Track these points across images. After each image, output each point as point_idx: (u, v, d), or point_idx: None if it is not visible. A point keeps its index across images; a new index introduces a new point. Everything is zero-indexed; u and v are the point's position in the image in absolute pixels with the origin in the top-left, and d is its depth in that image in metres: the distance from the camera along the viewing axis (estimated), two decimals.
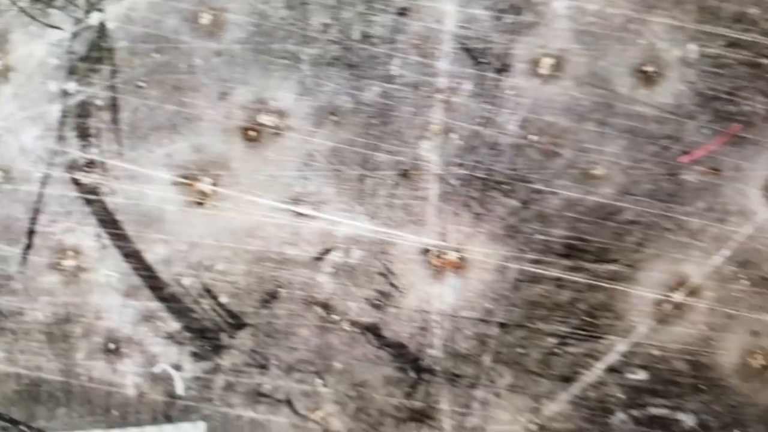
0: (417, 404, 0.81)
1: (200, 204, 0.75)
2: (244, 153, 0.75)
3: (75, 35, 0.77)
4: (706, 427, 0.83)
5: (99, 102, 0.75)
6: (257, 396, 0.81)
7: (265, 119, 0.74)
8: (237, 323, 0.78)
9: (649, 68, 0.73)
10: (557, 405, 0.80)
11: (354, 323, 0.79)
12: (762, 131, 0.75)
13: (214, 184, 0.75)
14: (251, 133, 0.75)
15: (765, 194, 0.77)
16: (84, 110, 0.77)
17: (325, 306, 0.78)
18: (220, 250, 0.76)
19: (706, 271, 0.77)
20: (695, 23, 0.73)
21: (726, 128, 0.75)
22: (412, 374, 0.80)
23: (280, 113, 0.74)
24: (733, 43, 0.75)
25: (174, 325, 0.78)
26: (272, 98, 0.74)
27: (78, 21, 0.77)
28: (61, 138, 0.77)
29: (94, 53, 0.74)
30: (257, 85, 0.74)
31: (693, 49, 0.74)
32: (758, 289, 0.77)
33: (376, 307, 0.78)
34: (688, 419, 0.82)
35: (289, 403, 0.81)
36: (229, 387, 0.80)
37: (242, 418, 0.81)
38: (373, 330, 0.79)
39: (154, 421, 0.81)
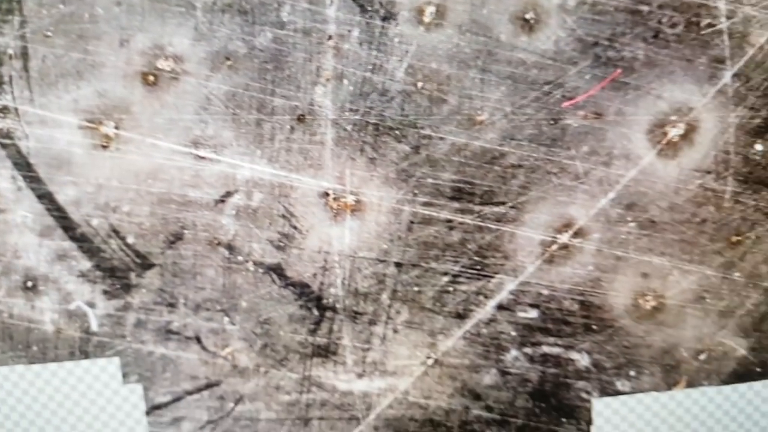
0: (320, 340, 0.87)
1: (105, 147, 0.82)
2: (144, 97, 0.81)
3: None
4: (600, 366, 0.88)
5: (10, 51, 0.81)
6: (167, 333, 0.87)
7: (162, 64, 0.80)
8: (144, 263, 0.85)
9: (529, 15, 0.79)
10: (452, 341, 0.87)
11: (258, 264, 0.85)
12: (643, 76, 0.80)
13: (117, 128, 0.81)
14: (150, 77, 0.81)
15: (649, 138, 0.81)
16: None
17: (229, 247, 0.84)
18: (125, 192, 0.83)
19: (592, 214, 0.82)
20: None
21: (607, 73, 0.79)
22: (316, 312, 0.87)
23: (177, 58, 0.80)
24: None
25: (86, 264, 0.85)
26: (169, 44, 0.80)
27: None
28: None
29: (5, 5, 0.82)
30: (155, 32, 0.80)
31: None
32: (646, 232, 0.83)
33: (279, 248, 0.84)
34: (582, 358, 0.88)
35: (198, 339, 0.87)
36: (140, 324, 0.87)
37: (154, 354, 0.88)
38: (276, 270, 0.85)
39: (72, 356, 0.88)
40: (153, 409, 0.97)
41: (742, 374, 0.96)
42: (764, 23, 0.88)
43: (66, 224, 0.93)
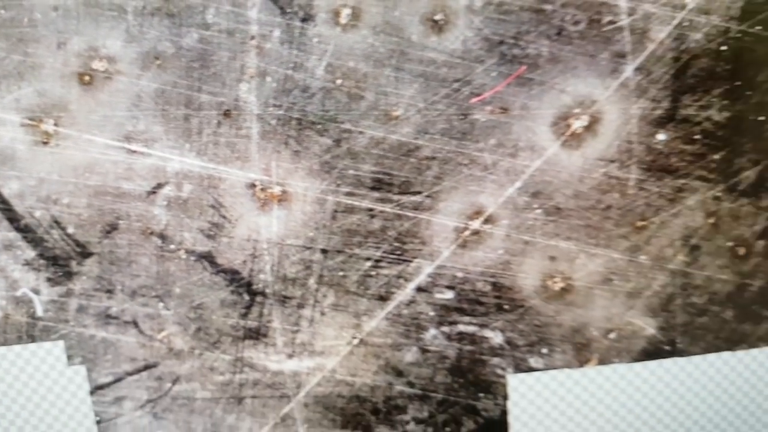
0: (251, 323, 0.94)
1: (45, 143, 0.89)
2: (81, 96, 0.88)
3: None
4: (513, 344, 0.95)
5: None
6: (107, 318, 0.94)
7: (97, 65, 0.87)
8: (84, 252, 0.92)
9: (438, 17, 0.86)
10: (375, 321, 0.94)
11: (190, 252, 0.92)
12: (547, 72, 0.88)
13: (56, 125, 0.88)
14: (86, 77, 0.88)
15: (553, 131, 0.89)
16: None
17: (162, 236, 0.91)
18: (64, 185, 0.90)
19: (501, 202, 0.90)
20: None
21: (512, 70, 0.87)
22: (246, 297, 0.94)
23: (110, 59, 0.87)
24: None
25: (30, 253, 0.92)
26: (103, 46, 0.87)
27: None
28: None
29: None
30: (89, 35, 0.87)
31: None
32: (552, 218, 0.91)
33: (209, 236, 0.91)
34: (495, 336, 0.95)
35: (135, 324, 0.95)
36: (81, 309, 0.94)
37: (95, 338, 0.95)
38: (207, 258, 0.92)
39: (20, 340, 0.95)
40: (96, 389, 1.05)
41: (651, 352, 1.04)
42: (664, 19, 0.96)
43: (11, 216, 1.01)
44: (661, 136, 0.98)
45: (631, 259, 1.00)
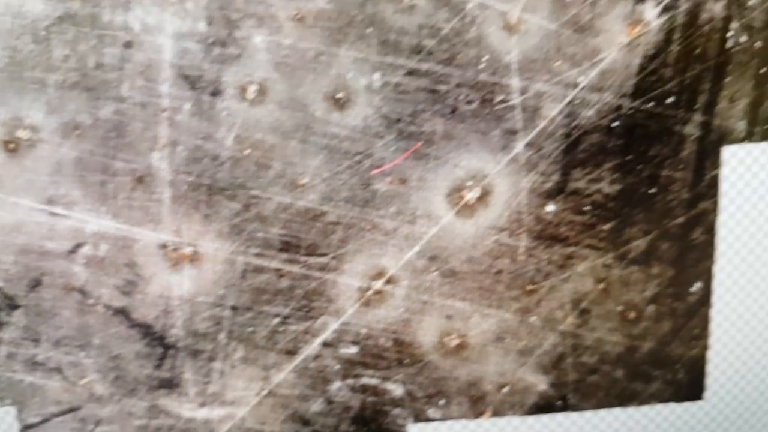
0: (165, 374, 1.03)
1: None
2: (6, 162, 0.97)
3: None
4: (413, 396, 1.04)
5: None
6: (34, 364, 1.03)
7: (21, 133, 0.96)
8: (12, 304, 1.01)
9: (340, 95, 0.94)
10: (283, 374, 1.03)
11: (107, 306, 1.01)
12: (442, 148, 0.97)
13: None
14: (11, 145, 0.97)
15: (448, 201, 0.98)
16: None
17: (82, 291, 1.00)
18: None
19: (401, 264, 0.98)
20: (378, 55, 1.01)
21: (410, 145, 0.95)
22: (160, 349, 1.03)
23: (34, 128, 0.96)
24: (412, 72, 0.95)
25: None
26: (26, 116, 0.96)
27: None
28: None
29: None
30: (14, 106, 0.96)
31: (377, 78, 0.94)
32: (448, 280, 1.00)
33: (125, 293, 1.00)
34: (396, 388, 1.04)
35: (60, 370, 1.04)
36: (11, 356, 1.03)
37: (24, 382, 1.04)
38: (123, 312, 1.01)
39: None
40: (25, 428, 1.14)
41: (543, 406, 1.14)
42: (556, 97, 1.05)
43: None
44: (550, 207, 1.07)
45: (522, 320, 1.09)
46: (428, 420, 1.11)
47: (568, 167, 1.05)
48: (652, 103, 1.03)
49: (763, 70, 1.05)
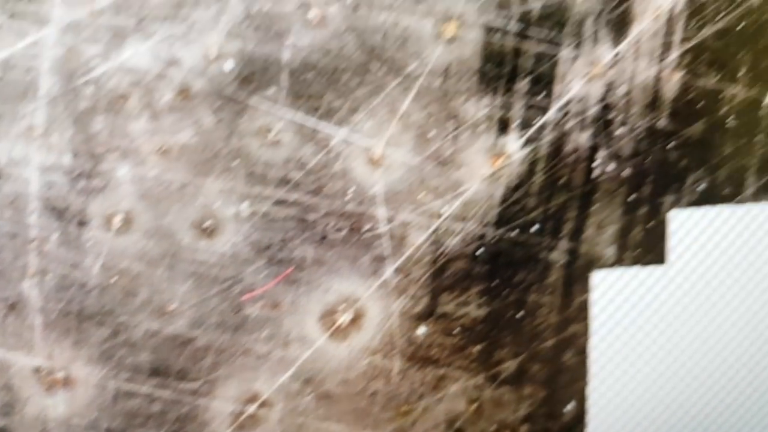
0: None
1: None
2: None
3: None
4: None
5: None
6: None
7: None
8: None
9: (208, 223, 0.95)
10: None
11: None
12: (313, 273, 0.98)
13: None
14: None
15: (321, 324, 0.99)
16: None
17: None
18: None
19: (275, 388, 0.99)
20: (245, 186, 1.02)
21: (280, 271, 0.96)
22: None
23: None
24: (280, 202, 0.96)
25: None
26: None
27: None
28: None
29: None
30: None
31: (245, 207, 0.95)
32: (323, 402, 1.01)
33: (4, 414, 1.00)
34: None
35: None
36: None
37: None
38: None
39: None
40: None
41: None
42: (421, 226, 1.07)
43: None
44: (421, 330, 1.09)
45: None
46: None
47: (437, 291, 1.07)
48: (516, 231, 1.06)
49: (632, 197, 1.08)
